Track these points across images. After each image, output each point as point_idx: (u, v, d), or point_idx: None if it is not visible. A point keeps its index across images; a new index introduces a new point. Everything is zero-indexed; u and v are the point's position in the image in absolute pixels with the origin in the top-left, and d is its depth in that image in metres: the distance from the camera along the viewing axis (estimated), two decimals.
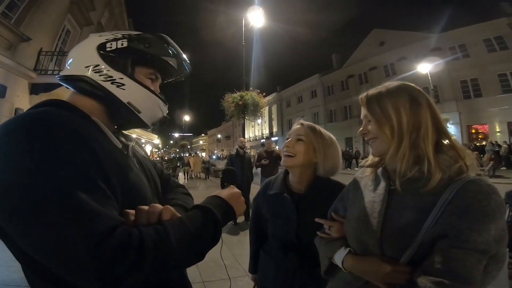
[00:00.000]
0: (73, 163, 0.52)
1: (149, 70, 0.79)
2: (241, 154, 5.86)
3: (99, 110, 0.72)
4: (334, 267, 0.94)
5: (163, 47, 0.79)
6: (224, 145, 57.49)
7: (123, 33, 0.76)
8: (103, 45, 0.73)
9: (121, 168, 0.64)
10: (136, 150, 0.83)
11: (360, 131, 0.88)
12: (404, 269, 0.70)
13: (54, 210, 0.47)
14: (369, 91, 0.87)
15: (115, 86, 0.71)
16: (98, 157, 0.57)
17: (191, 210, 0.70)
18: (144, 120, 0.78)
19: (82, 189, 0.50)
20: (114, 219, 0.53)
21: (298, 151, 1.20)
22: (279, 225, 1.27)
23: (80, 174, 0.52)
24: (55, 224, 0.46)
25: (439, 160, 0.73)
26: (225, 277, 1.09)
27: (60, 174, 0.49)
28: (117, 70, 0.72)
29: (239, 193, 0.81)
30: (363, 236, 0.82)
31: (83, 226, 0.47)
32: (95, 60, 0.71)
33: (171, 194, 0.89)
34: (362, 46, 28.37)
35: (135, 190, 0.67)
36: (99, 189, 0.54)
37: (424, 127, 0.76)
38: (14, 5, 7.08)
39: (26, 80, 7.68)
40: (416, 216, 0.71)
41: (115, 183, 0.59)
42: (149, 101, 0.78)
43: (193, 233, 0.61)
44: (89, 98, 0.71)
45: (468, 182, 0.66)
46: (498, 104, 17.86)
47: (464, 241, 0.61)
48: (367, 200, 0.86)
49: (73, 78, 0.71)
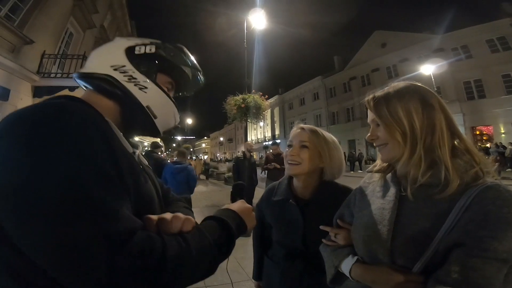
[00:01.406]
0: (93, 157, 0.49)
1: (168, 78, 0.81)
2: (248, 157, 5.97)
3: (113, 111, 0.71)
4: (340, 276, 0.90)
5: (183, 58, 0.83)
6: (226, 148, 57.60)
7: (151, 40, 0.79)
8: (132, 48, 0.75)
9: (133, 171, 0.62)
10: (142, 159, 0.81)
11: (368, 137, 0.83)
12: (417, 278, 0.67)
13: (68, 206, 0.43)
14: (376, 92, 0.82)
15: (138, 88, 0.72)
16: (117, 155, 0.55)
17: (207, 220, 0.68)
18: (158, 127, 0.79)
19: (100, 185, 0.48)
20: (134, 221, 0.50)
21: (303, 158, 1.14)
22: (284, 232, 1.23)
23: (100, 170, 0.49)
24: (68, 222, 0.43)
25: (455, 165, 0.69)
26: (227, 281, 1.05)
27: (79, 168, 0.47)
28: (142, 73, 0.73)
29: (250, 208, 0.80)
30: (372, 244, 0.78)
31: (100, 226, 0.44)
32: (122, 61, 0.72)
33: (172, 208, 0.85)
34: (364, 47, 28.40)
35: (145, 196, 0.65)
36: (118, 187, 0.52)
37: (438, 131, 0.72)
38: (17, 7, 7.12)
39: (29, 83, 7.71)
40: (430, 223, 0.67)
41: (130, 185, 0.57)
42: (167, 108, 0.80)
43: (212, 245, 0.59)
44: (105, 97, 0.71)
45: (486, 188, 0.63)
46: (503, 105, 17.78)
47: (484, 250, 0.58)
48: (376, 207, 0.82)
49: (96, 76, 0.71)
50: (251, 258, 1.46)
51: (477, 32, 19.22)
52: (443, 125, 0.73)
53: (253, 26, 8.84)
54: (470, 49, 19.81)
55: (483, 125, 19.21)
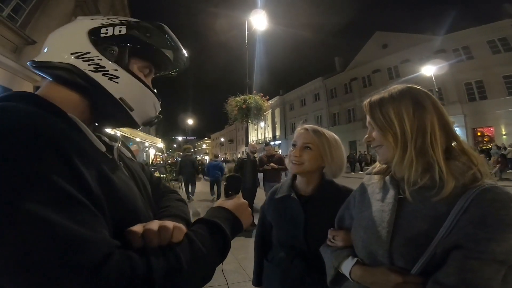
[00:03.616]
0: (41, 175, 0.40)
1: (144, 63, 0.70)
2: (251, 159, 5.94)
3: (78, 105, 0.61)
4: (340, 277, 0.91)
5: (163, 38, 0.71)
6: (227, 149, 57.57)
7: (121, 19, 0.66)
8: (97, 30, 0.62)
9: (105, 176, 0.53)
10: (122, 152, 0.73)
11: (365, 139, 0.86)
12: (415, 280, 0.68)
13: (21, 240, 0.36)
14: (372, 97, 0.84)
15: (107, 78, 0.61)
16: (75, 165, 0.46)
17: (197, 224, 0.62)
18: (136, 119, 0.68)
19: (57, 208, 0.39)
20: (109, 243, 0.43)
21: (305, 159, 1.18)
22: (285, 230, 1.24)
23: (52, 188, 0.41)
24: (26, 260, 0.36)
25: (451, 167, 0.70)
26: (224, 283, 1.03)
27: (24, 192, 0.38)
28: (111, 60, 0.62)
29: (246, 203, 0.74)
30: (371, 245, 0.78)
31: (65, 257, 0.37)
32: (84, 47, 0.60)
33: (164, 202, 0.80)
34: (365, 48, 28.38)
35: (125, 201, 0.57)
36: (81, 205, 0.43)
37: (430, 132, 0.72)
38: (20, 8, 7.16)
39: (31, 83, 7.75)
40: (428, 225, 0.68)
41: (99, 195, 0.48)
42: (144, 98, 0.69)
43: (205, 254, 0.54)
44: (68, 89, 0.60)
45: (484, 190, 0.63)
46: (504, 106, 17.74)
47: (482, 252, 0.59)
48: (375, 209, 0.83)
49: (53, 65, 0.59)
50: (252, 258, 1.45)
51: (479, 33, 19.19)
52: (436, 126, 0.73)
53: (254, 27, 8.86)
54: (471, 50, 19.78)
55: (484, 126, 19.16)
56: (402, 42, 23.84)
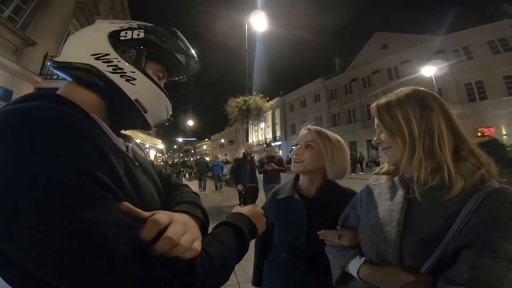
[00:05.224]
0: (82, 168, 0.43)
1: (159, 66, 0.72)
2: (248, 158, 6.02)
3: (98, 105, 0.63)
4: (346, 276, 0.91)
5: (176, 43, 0.73)
6: (227, 150, 57.60)
7: (139, 23, 0.69)
8: (117, 33, 0.65)
9: (131, 174, 0.57)
10: (136, 152, 0.76)
11: (374, 141, 0.88)
12: (426, 278, 0.68)
13: (61, 231, 0.38)
14: (379, 100, 0.86)
15: (124, 79, 0.63)
16: (110, 160, 0.49)
17: (221, 226, 0.66)
18: (149, 121, 0.71)
19: (97, 205, 0.42)
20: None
21: (306, 157, 1.21)
22: (288, 230, 1.23)
23: (93, 180, 0.43)
24: (65, 253, 0.38)
25: (460, 168, 0.71)
26: (233, 282, 1.01)
27: (69, 183, 0.40)
28: (129, 62, 0.64)
29: (261, 212, 0.78)
30: (380, 245, 0.79)
31: (119, 248, 0.40)
32: (104, 48, 0.63)
33: (176, 192, 0.82)
34: (364, 49, 28.37)
35: (146, 197, 0.60)
36: (118, 197, 0.46)
37: (438, 133, 0.74)
38: (20, 9, 7.17)
39: (32, 85, 7.76)
40: (438, 225, 0.69)
41: (130, 190, 0.52)
42: (158, 101, 0.72)
43: (231, 256, 0.57)
44: (88, 90, 0.62)
45: (494, 191, 0.65)
46: (504, 107, 17.73)
47: (494, 250, 0.60)
48: (384, 209, 0.83)
49: (74, 66, 0.61)
50: (251, 259, 1.43)
51: (478, 34, 19.20)
52: (443, 127, 0.74)
53: (254, 28, 8.87)
54: (471, 51, 19.77)
55: (484, 126, 19.14)
56: (402, 43, 23.86)
